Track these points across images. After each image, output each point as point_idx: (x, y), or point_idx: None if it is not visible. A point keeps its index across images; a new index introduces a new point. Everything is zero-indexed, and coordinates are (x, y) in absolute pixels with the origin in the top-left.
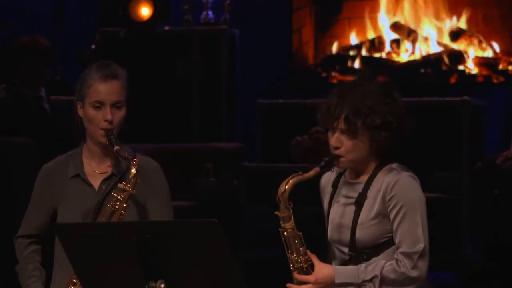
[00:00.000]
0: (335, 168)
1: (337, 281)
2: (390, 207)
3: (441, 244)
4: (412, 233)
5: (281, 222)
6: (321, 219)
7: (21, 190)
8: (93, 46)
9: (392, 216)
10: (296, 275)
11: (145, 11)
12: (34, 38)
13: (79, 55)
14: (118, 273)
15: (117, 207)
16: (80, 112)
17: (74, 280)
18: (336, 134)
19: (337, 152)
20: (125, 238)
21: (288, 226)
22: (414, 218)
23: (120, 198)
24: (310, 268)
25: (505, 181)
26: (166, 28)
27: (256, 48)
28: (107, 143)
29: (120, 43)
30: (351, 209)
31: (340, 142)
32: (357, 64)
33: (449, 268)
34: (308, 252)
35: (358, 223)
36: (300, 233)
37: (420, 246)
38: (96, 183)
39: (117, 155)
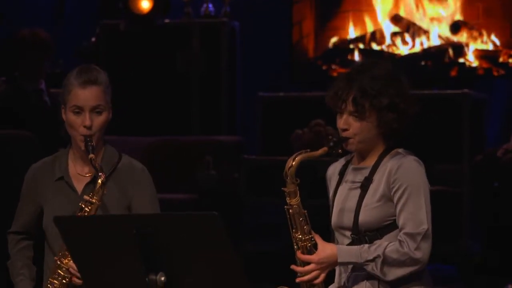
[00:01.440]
0: (341, 159)
1: (339, 260)
2: (394, 189)
3: (441, 236)
4: (416, 215)
5: (287, 198)
6: (324, 211)
7: (21, 184)
8: (93, 39)
9: (396, 198)
10: (299, 255)
11: (145, 4)
12: (34, 31)
13: (80, 48)
14: (119, 266)
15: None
16: (64, 116)
17: (58, 263)
18: (344, 116)
19: (345, 134)
20: (125, 231)
21: (294, 202)
22: (418, 200)
23: (87, 209)
24: (314, 248)
25: (505, 174)
26: (166, 21)
27: (256, 41)
28: (84, 149)
29: (120, 36)
30: (356, 192)
31: (348, 124)
32: (357, 57)
33: (449, 260)
34: (313, 232)
35: (362, 205)
36: (306, 211)
37: (424, 227)
38: (80, 186)
39: (90, 163)
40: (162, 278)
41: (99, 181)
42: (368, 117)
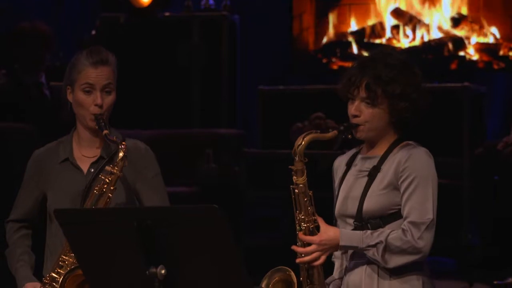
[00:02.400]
0: (349, 151)
1: (341, 243)
2: (402, 178)
3: (441, 230)
4: (422, 205)
5: (294, 176)
6: (325, 203)
7: (20, 175)
8: (93, 32)
9: (403, 187)
10: (301, 236)
11: None
12: (34, 24)
13: (81, 41)
14: (119, 259)
15: (104, 189)
16: (70, 97)
17: (61, 263)
18: (356, 103)
19: (356, 120)
20: (126, 223)
21: (300, 181)
22: (425, 191)
23: (107, 180)
24: (316, 230)
25: (506, 167)
26: (167, 14)
27: (257, 34)
28: (96, 128)
29: (120, 28)
30: (363, 180)
31: (360, 110)
32: (357, 50)
33: (449, 253)
34: (316, 214)
35: (368, 192)
36: (311, 192)
37: (429, 217)
38: (85, 167)
39: (106, 139)
40: (163, 271)
41: (121, 153)
42: (379, 104)
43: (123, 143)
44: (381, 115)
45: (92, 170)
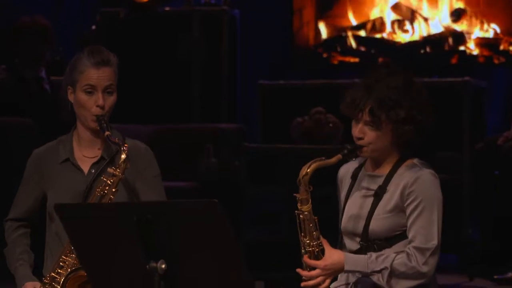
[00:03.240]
0: (353, 161)
1: (346, 268)
2: (409, 201)
3: (441, 225)
4: (427, 229)
5: (299, 204)
6: (332, 203)
7: (20, 171)
8: (93, 27)
9: (409, 210)
10: (306, 259)
11: None
12: (34, 18)
13: (82, 36)
14: (119, 254)
15: (106, 191)
16: (71, 97)
17: (61, 263)
18: (360, 125)
19: (360, 142)
20: (126, 218)
21: (305, 209)
22: (430, 215)
23: (109, 182)
24: (321, 253)
25: (506, 162)
26: (167, 8)
27: (257, 29)
28: (98, 129)
29: (120, 23)
30: (369, 200)
31: (364, 133)
32: (357, 45)
33: (450, 249)
34: (321, 237)
35: (374, 214)
36: (316, 218)
37: (434, 243)
38: (85, 168)
39: (107, 141)
40: (163, 266)
41: (123, 155)
42: (383, 128)
43: (126, 145)
44: (384, 137)
45: (93, 171)
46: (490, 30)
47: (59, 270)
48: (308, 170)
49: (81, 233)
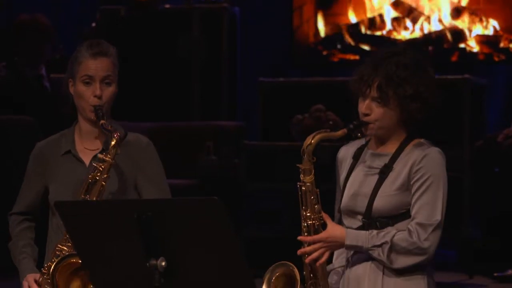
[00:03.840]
0: (354, 142)
1: (347, 242)
2: (415, 178)
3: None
4: (431, 206)
5: (301, 175)
6: (325, 197)
7: (20, 168)
8: (93, 24)
9: (415, 187)
10: (302, 237)
11: None
12: (34, 16)
13: (82, 34)
14: (119, 251)
15: (97, 177)
16: (71, 89)
17: (57, 252)
18: (367, 101)
19: (366, 119)
20: (126, 215)
21: (308, 180)
22: (436, 192)
23: (100, 168)
24: (321, 228)
25: (506, 159)
26: (167, 6)
27: (257, 26)
28: (95, 119)
29: (120, 21)
30: (373, 178)
31: (370, 109)
32: (357, 42)
33: (450, 245)
34: (322, 212)
35: (379, 191)
36: (318, 191)
37: (437, 219)
38: (87, 159)
39: (102, 129)
40: (163, 263)
41: (113, 140)
42: (390, 105)
43: (117, 132)
44: (391, 114)
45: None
46: (490, 27)
47: (55, 259)
48: (312, 140)
49: (81, 230)
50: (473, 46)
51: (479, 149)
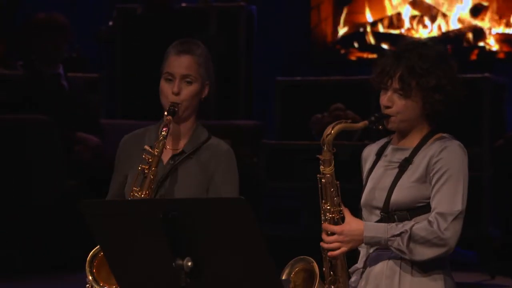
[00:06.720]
0: (378, 141)
1: (365, 234)
2: (435, 170)
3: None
4: (452, 197)
5: (321, 166)
6: (347, 194)
7: (36, 166)
8: (110, 23)
9: (434, 179)
10: (324, 225)
11: None
12: (51, 15)
13: (98, 32)
14: (145, 251)
15: (146, 170)
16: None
17: None
18: (389, 93)
19: (387, 111)
20: (151, 215)
21: (328, 171)
22: (456, 184)
23: (149, 161)
24: (341, 221)
25: None
26: (183, 4)
27: (274, 25)
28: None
29: (137, 19)
30: (393, 172)
31: (392, 101)
32: (375, 41)
33: (469, 245)
34: (342, 205)
35: (398, 184)
36: (338, 183)
37: (458, 209)
38: (165, 158)
39: (166, 123)
40: (189, 263)
41: (162, 135)
42: (413, 96)
43: (164, 129)
44: (414, 107)
45: (172, 162)
46: (510, 26)
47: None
48: (332, 130)
49: (107, 230)
50: (493, 44)
51: (499, 148)
